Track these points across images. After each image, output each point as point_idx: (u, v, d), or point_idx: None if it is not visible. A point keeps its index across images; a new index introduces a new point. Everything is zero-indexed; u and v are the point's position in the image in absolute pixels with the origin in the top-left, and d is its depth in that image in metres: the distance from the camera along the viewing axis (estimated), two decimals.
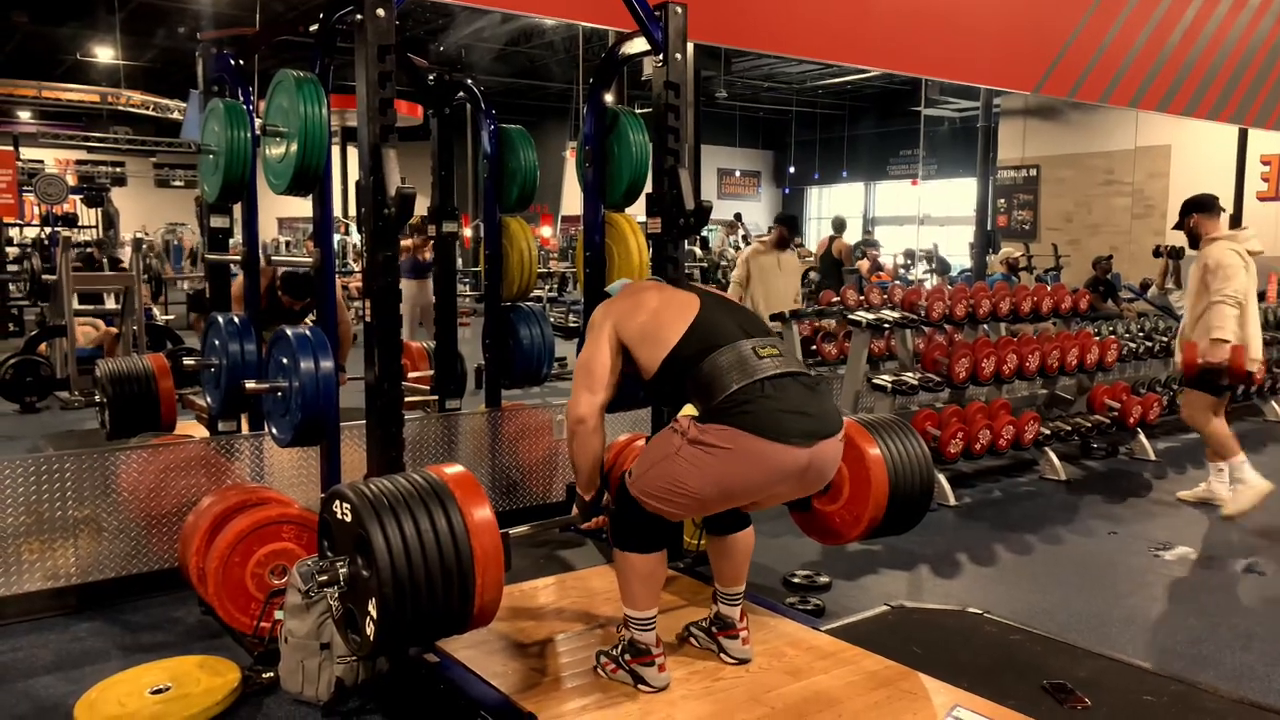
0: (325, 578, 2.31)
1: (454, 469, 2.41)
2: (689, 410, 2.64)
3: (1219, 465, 5.06)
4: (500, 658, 2.86)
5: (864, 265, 13.09)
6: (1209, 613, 3.77)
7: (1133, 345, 6.79)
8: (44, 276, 8.00)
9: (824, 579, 3.95)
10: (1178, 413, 6.93)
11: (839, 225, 11.93)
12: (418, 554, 2.18)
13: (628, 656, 2.68)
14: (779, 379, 2.46)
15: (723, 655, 2.84)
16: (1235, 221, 10.78)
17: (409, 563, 2.17)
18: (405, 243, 8.65)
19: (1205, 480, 5.23)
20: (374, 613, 2.19)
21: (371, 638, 2.22)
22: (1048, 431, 5.76)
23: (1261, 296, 10.95)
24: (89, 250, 12.45)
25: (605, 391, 2.66)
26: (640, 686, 2.65)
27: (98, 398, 4.64)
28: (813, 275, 11.94)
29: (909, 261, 18.27)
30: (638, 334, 2.64)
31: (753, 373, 2.44)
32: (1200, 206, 5.14)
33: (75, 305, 7.42)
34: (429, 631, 2.37)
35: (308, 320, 5.14)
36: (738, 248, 16.86)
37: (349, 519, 2.26)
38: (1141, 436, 6.31)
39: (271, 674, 2.95)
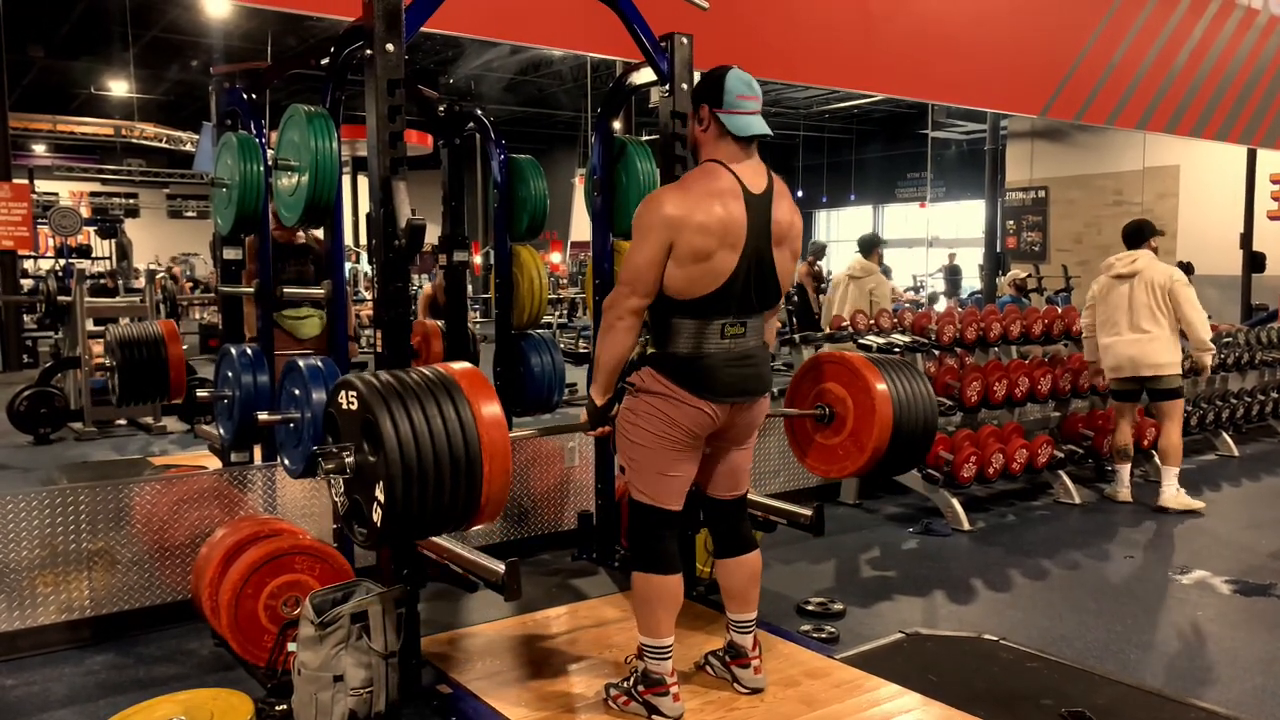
0: (332, 465, 2.30)
1: (462, 365, 2.41)
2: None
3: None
4: (514, 689, 2.84)
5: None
6: (1228, 638, 3.73)
7: None
8: (59, 298, 8.00)
9: (838, 606, 3.92)
10: (1192, 435, 6.91)
11: (816, 251, 12.01)
12: (426, 440, 2.19)
13: (641, 688, 2.66)
14: (727, 355, 2.69)
15: (736, 685, 2.83)
16: (1245, 240, 10.77)
17: (417, 448, 2.17)
18: (427, 288, 8.63)
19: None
20: (381, 499, 2.18)
21: (379, 525, 2.20)
22: (1061, 454, 5.73)
23: (1274, 316, 10.93)
24: (103, 281, 12.57)
25: (649, 297, 2.65)
26: (654, 717, 2.63)
27: (107, 362, 4.53)
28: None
29: (919, 287, 18.28)
30: (685, 257, 2.59)
31: (702, 347, 2.67)
32: (1124, 237, 5.79)
33: (90, 325, 7.45)
34: (436, 521, 2.35)
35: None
36: None
37: (355, 407, 2.25)
38: (1157, 459, 6.26)
39: (285, 706, 2.94)
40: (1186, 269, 10.29)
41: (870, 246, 7.71)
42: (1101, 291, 5.68)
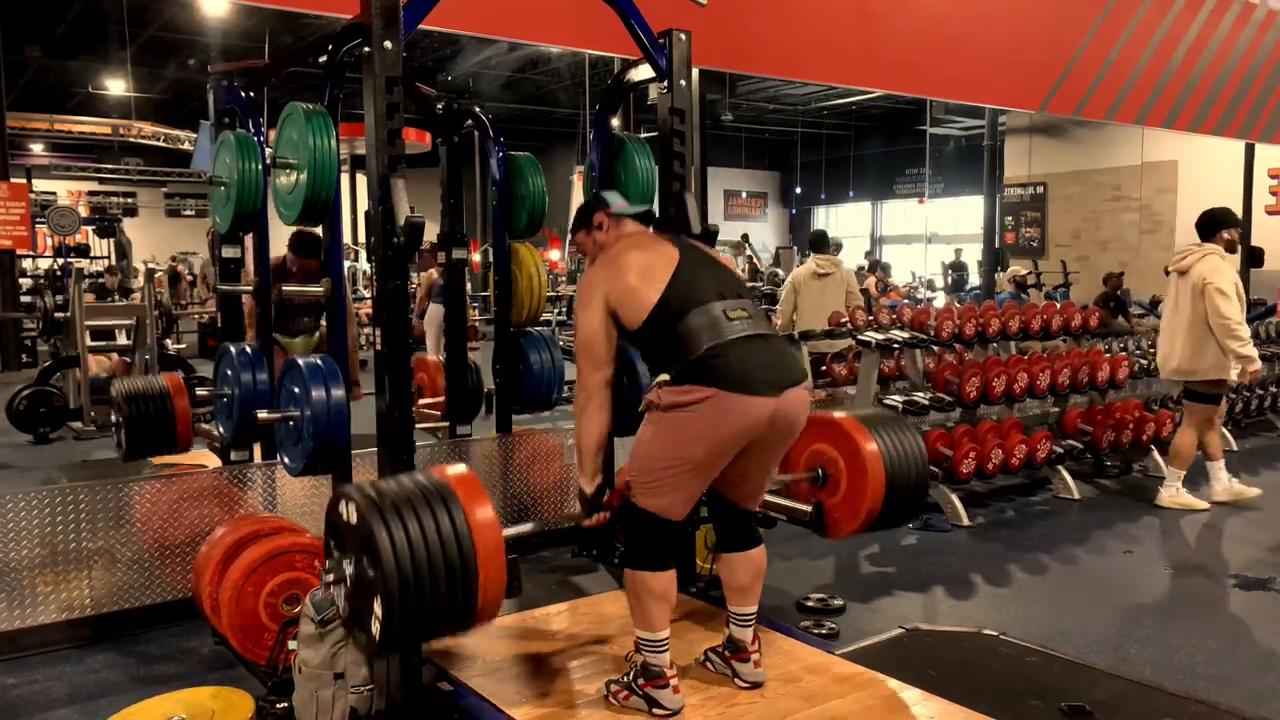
0: (332, 576, 2.33)
1: (457, 469, 2.42)
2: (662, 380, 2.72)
3: None
4: (514, 685, 2.84)
5: (871, 282, 13.08)
6: (1228, 632, 3.73)
7: (1144, 362, 6.76)
8: (56, 315, 8.03)
9: (838, 602, 3.93)
10: None
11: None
12: (421, 552, 2.21)
13: (641, 681, 2.67)
14: (746, 339, 2.59)
15: (736, 680, 2.83)
16: (1244, 235, 10.75)
17: (413, 560, 2.19)
18: (433, 271, 8.63)
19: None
20: (379, 611, 2.21)
21: (377, 635, 2.23)
22: (1060, 450, 5.74)
23: (1272, 310, 10.94)
24: (101, 280, 12.56)
25: (609, 366, 2.70)
26: (655, 710, 2.64)
27: (113, 418, 4.59)
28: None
29: (917, 283, 18.29)
30: (624, 297, 2.66)
31: (723, 334, 2.56)
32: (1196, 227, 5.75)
33: (88, 339, 7.46)
34: (433, 628, 2.37)
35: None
36: (743, 269, 16.94)
37: (352, 518, 2.28)
38: (1155, 454, 6.27)
39: (286, 704, 2.94)
40: (1256, 258, 10.21)
41: (824, 241, 7.79)
42: (1169, 286, 5.62)
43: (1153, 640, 3.64)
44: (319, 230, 4.37)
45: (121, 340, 7.89)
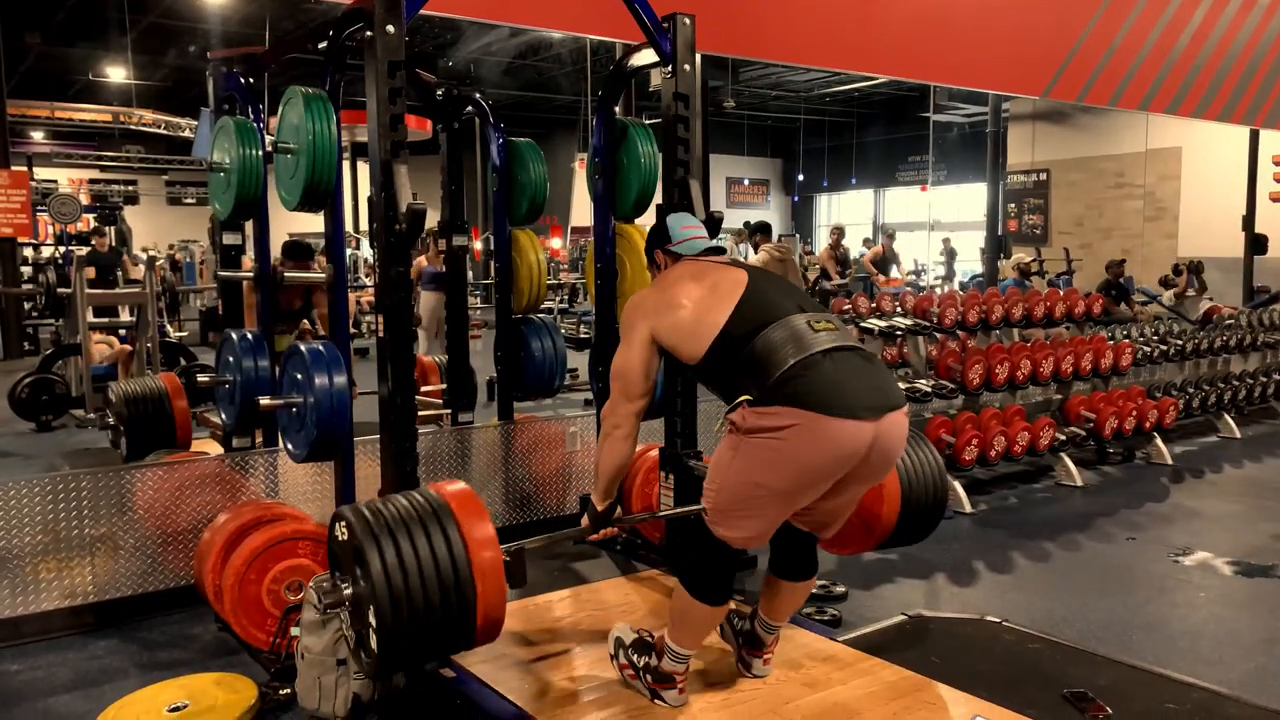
0: (331, 599, 2.32)
1: (455, 486, 2.40)
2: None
3: None
4: (516, 672, 2.85)
5: (824, 255, 12.91)
6: (1230, 619, 3.73)
7: (1147, 349, 6.74)
8: (59, 289, 8.03)
9: (840, 589, 3.93)
10: (1194, 416, 6.91)
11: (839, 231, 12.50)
12: (414, 570, 2.17)
13: (650, 678, 2.66)
14: (837, 352, 2.30)
15: (740, 665, 2.83)
16: (1248, 222, 10.74)
17: (405, 578, 2.16)
18: (422, 259, 8.63)
19: None
20: (374, 623, 2.20)
21: (376, 650, 2.22)
22: (1063, 437, 5.73)
23: (1276, 298, 10.90)
24: (91, 246, 12.52)
25: (643, 399, 2.56)
26: (655, 702, 2.64)
27: (111, 420, 4.62)
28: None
29: (919, 270, 18.29)
30: (676, 331, 2.48)
31: (809, 346, 2.28)
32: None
33: (90, 319, 7.45)
34: (433, 648, 2.35)
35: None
36: (747, 257, 16.92)
37: (347, 538, 2.27)
38: (1158, 441, 6.27)
39: (288, 690, 2.95)
40: (1197, 267, 10.21)
41: (769, 229, 8.35)
42: None
43: (1155, 626, 3.64)
44: (308, 244, 4.42)
45: (125, 317, 7.91)
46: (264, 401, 3.45)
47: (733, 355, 2.37)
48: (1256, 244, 10.83)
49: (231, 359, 4.03)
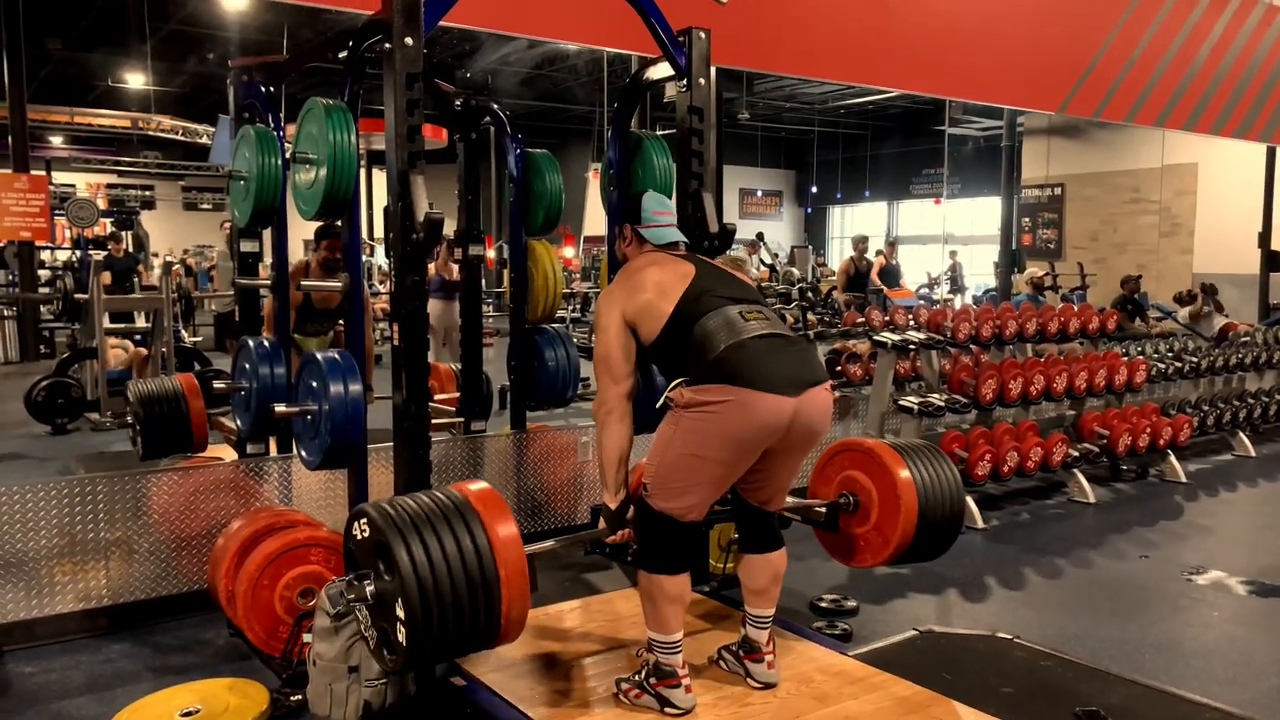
0: (353, 595, 2.33)
1: (478, 486, 2.42)
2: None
3: None
4: (527, 681, 2.85)
5: (874, 270, 12.90)
6: (1244, 638, 3.71)
7: (1161, 366, 6.71)
8: (76, 295, 8.09)
9: (851, 603, 3.92)
10: (1209, 434, 6.87)
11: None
12: (441, 566, 2.20)
13: (653, 680, 2.67)
14: (763, 338, 2.59)
15: (749, 680, 2.83)
16: (1264, 239, 10.70)
17: (433, 573, 2.18)
18: (432, 266, 8.67)
19: None
20: (402, 623, 2.20)
21: (404, 643, 2.22)
22: (1076, 453, 5.71)
23: None
24: (108, 251, 12.61)
25: (628, 380, 2.73)
26: (666, 710, 2.64)
27: (129, 419, 4.66)
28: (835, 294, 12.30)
29: (931, 284, 18.24)
30: (640, 313, 2.70)
31: (739, 332, 2.57)
32: None
33: (106, 324, 7.52)
34: (457, 645, 2.35)
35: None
36: (759, 267, 16.92)
37: (369, 534, 2.28)
38: (1172, 458, 6.24)
39: (300, 697, 2.96)
40: (1209, 290, 10.18)
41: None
42: None
43: (1167, 645, 3.62)
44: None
45: (141, 322, 7.96)
46: (279, 408, 3.47)
47: (678, 339, 2.64)
48: (1272, 261, 10.78)
49: (248, 365, 4.05)
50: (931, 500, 2.98)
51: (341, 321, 5.49)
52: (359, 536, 2.33)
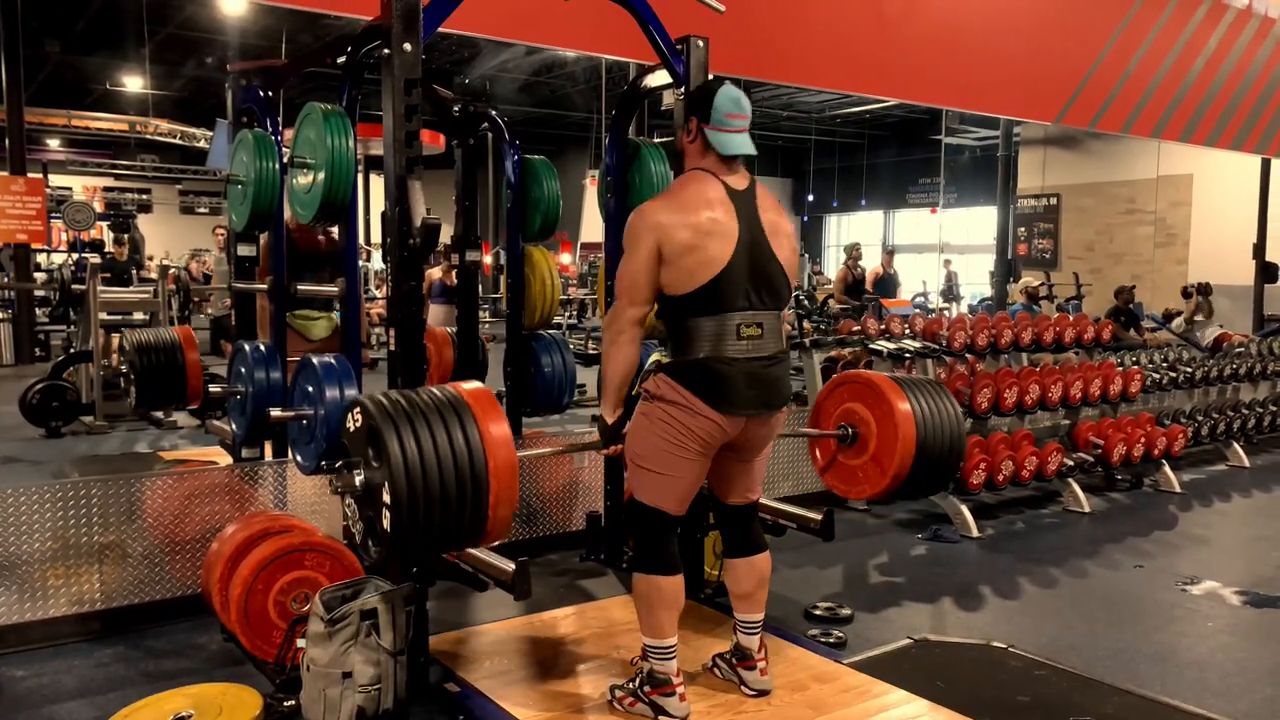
0: (341, 483, 2.33)
1: (472, 384, 2.43)
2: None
3: None
4: (521, 688, 2.85)
5: (869, 279, 12.90)
6: (1238, 649, 3.71)
7: (1156, 376, 6.73)
8: (74, 286, 8.05)
9: (846, 611, 3.92)
10: (1202, 445, 6.88)
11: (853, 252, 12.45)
12: (431, 456, 2.21)
13: (647, 688, 2.67)
14: (749, 361, 2.67)
15: (743, 687, 2.83)
16: (1259, 251, 10.73)
17: (422, 462, 2.19)
18: (434, 271, 8.66)
19: None
20: (388, 501, 2.20)
21: (388, 531, 2.22)
22: (1071, 463, 5.71)
23: None
24: (109, 254, 12.59)
25: (646, 306, 2.70)
26: (661, 718, 2.64)
27: (123, 369, 4.56)
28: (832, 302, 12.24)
29: (927, 294, 18.27)
30: (675, 254, 2.63)
31: (724, 350, 2.65)
32: None
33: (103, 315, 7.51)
34: (442, 538, 2.35)
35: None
36: None
37: (360, 423, 2.28)
38: (1167, 468, 6.24)
39: (293, 702, 2.95)
40: (1205, 289, 10.21)
41: None
42: None
43: (1162, 655, 3.63)
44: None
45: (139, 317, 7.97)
46: (274, 413, 3.46)
47: (681, 312, 2.68)
48: (1267, 272, 10.82)
49: (244, 369, 4.05)
50: (930, 433, 3.00)
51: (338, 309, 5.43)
52: (352, 428, 2.33)
